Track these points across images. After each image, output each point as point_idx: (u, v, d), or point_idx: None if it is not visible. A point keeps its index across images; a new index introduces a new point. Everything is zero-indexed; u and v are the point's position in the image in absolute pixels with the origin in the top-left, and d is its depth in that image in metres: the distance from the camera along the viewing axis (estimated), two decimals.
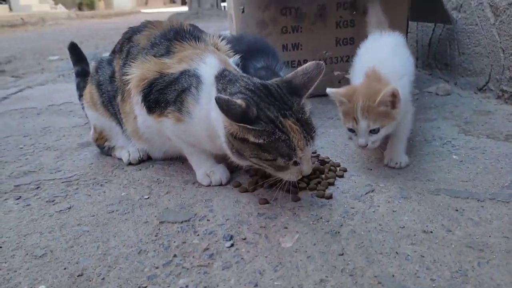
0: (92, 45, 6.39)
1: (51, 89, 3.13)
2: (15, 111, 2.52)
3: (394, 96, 1.34)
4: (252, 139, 1.15)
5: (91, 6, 20.31)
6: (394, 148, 1.51)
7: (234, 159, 1.26)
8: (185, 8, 18.73)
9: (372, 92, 1.36)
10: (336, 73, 2.40)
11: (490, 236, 1.07)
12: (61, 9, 16.44)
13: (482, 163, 1.50)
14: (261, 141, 1.15)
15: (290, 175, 1.22)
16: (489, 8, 2.19)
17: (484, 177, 1.38)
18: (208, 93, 1.30)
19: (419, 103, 2.21)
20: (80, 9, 19.00)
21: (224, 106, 1.11)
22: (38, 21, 12.50)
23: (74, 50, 2.10)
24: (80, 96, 2.06)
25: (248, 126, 1.13)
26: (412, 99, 1.62)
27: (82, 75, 2.07)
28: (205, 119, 1.29)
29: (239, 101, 1.14)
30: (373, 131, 1.38)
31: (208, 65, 1.35)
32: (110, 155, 1.70)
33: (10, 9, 14.62)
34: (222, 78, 1.30)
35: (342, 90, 1.44)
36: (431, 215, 1.17)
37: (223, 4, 11.53)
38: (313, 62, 1.24)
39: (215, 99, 1.11)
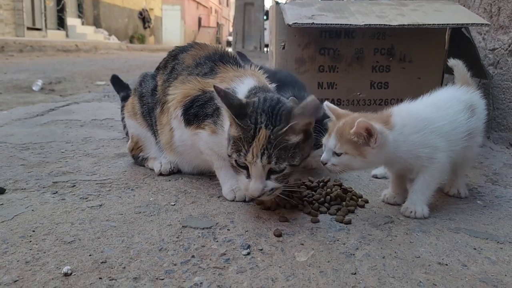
0: (138, 74, 6.70)
1: (95, 106, 3.32)
2: (60, 121, 2.69)
3: (369, 132, 1.29)
4: (233, 131, 1.27)
5: (142, 40, 21.40)
6: (412, 197, 1.42)
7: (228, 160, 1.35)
8: (229, 49, 19.38)
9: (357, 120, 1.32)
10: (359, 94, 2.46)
11: (505, 275, 1.06)
12: (113, 40, 17.39)
13: (505, 210, 1.49)
14: (235, 134, 1.26)
15: (240, 184, 1.31)
16: None
17: (506, 222, 1.38)
18: None
19: None
20: (131, 42, 20.03)
21: (222, 93, 1.25)
22: (91, 48, 13.25)
23: (116, 81, 2.36)
24: (123, 118, 2.21)
25: (235, 119, 1.25)
26: (442, 155, 1.40)
27: (127, 99, 2.21)
28: None
29: (242, 98, 1.32)
30: (336, 154, 1.35)
31: (245, 85, 1.46)
32: (143, 166, 1.80)
33: (67, 36, 15.58)
34: (256, 89, 1.43)
35: (338, 109, 1.45)
36: (448, 250, 1.18)
37: (265, 49, 11.96)
38: (314, 100, 1.28)
39: (213, 86, 1.28)
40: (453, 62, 1.71)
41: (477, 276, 1.05)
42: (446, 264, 1.10)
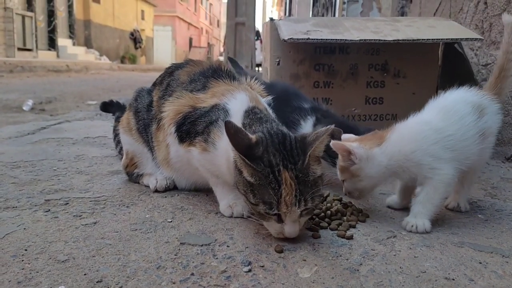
0: (129, 94, 6.67)
1: (88, 125, 3.28)
2: (52, 139, 2.65)
3: (348, 152, 1.37)
4: (245, 174, 1.18)
5: (133, 60, 21.47)
6: (414, 211, 1.40)
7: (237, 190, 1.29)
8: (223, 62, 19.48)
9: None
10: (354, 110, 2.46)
11: None
12: (105, 60, 17.42)
13: (507, 223, 1.47)
14: (252, 180, 1.17)
15: (271, 228, 1.22)
16: None
17: (510, 236, 1.36)
18: None
19: None
20: (122, 62, 20.08)
21: (232, 131, 1.16)
22: (81, 69, 13.24)
23: (107, 106, 2.44)
24: (115, 137, 2.19)
25: (246, 160, 1.16)
26: (446, 167, 1.38)
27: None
28: (226, 151, 1.34)
29: (251, 136, 1.20)
30: (343, 182, 1.47)
31: (238, 100, 1.42)
32: (138, 183, 1.76)
33: (58, 56, 15.58)
34: (252, 114, 1.37)
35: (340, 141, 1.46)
36: (454, 265, 1.15)
37: (256, 68, 12.04)
38: (325, 128, 1.25)
39: (225, 122, 1.17)
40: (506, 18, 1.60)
41: None
42: (453, 279, 1.08)
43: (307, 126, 1.80)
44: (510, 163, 2.32)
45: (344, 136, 1.53)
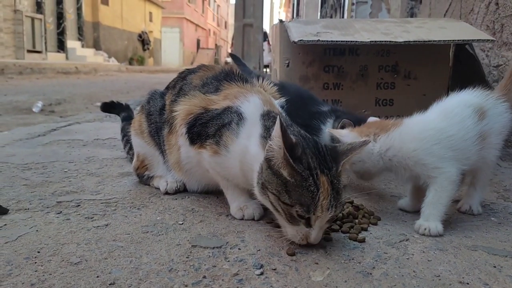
0: (138, 95, 6.74)
1: (97, 126, 3.30)
2: (62, 141, 2.66)
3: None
4: (285, 174, 1.17)
5: (141, 62, 21.58)
6: (424, 213, 1.39)
7: (257, 191, 1.27)
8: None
9: None
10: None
11: None
12: (113, 62, 17.53)
13: None
14: (292, 180, 1.16)
15: (295, 233, 1.20)
16: None
17: None
18: (248, 129, 1.35)
19: None
20: (130, 63, 20.18)
21: (283, 128, 1.14)
22: (90, 70, 13.33)
23: (109, 107, 2.42)
24: (123, 137, 2.19)
25: (290, 160, 1.15)
26: (449, 166, 1.41)
27: (128, 119, 2.19)
28: (241, 154, 1.33)
29: (292, 136, 1.19)
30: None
31: (251, 103, 1.41)
32: (148, 185, 1.76)
33: (67, 58, 15.70)
34: (272, 118, 1.35)
35: (340, 131, 1.59)
36: (468, 268, 1.14)
37: (264, 69, 12.04)
38: (361, 140, 1.30)
39: (277, 118, 1.16)
40: None
41: None
42: (468, 283, 1.06)
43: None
44: None
45: (333, 130, 1.64)
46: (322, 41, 2.04)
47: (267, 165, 1.21)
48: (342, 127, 1.72)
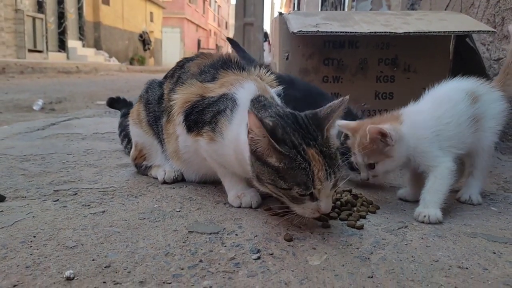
0: (138, 94, 6.72)
1: (97, 121, 3.29)
2: (61, 135, 2.66)
3: (383, 134, 1.37)
4: (273, 161, 1.16)
5: (142, 62, 21.59)
6: (424, 201, 1.39)
7: (255, 183, 1.27)
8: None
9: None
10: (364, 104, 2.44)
11: None
12: (114, 62, 17.53)
13: None
14: (281, 165, 1.15)
15: (305, 210, 1.18)
16: None
17: None
18: (241, 115, 1.34)
19: None
20: (131, 63, 20.19)
21: (258, 117, 1.14)
22: (91, 70, 13.34)
23: (113, 102, 2.44)
24: (121, 132, 2.17)
25: (276, 145, 1.14)
26: (447, 155, 1.44)
27: (127, 115, 2.18)
28: (235, 141, 1.32)
29: (267, 120, 1.18)
30: (370, 166, 1.44)
31: (246, 90, 1.41)
32: (146, 175, 1.75)
33: (68, 57, 15.71)
34: (257, 102, 1.35)
35: (351, 124, 1.51)
36: (467, 254, 1.13)
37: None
38: (339, 99, 1.27)
39: (248, 110, 1.15)
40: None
41: (500, 279, 1.00)
42: (467, 268, 1.05)
43: None
44: None
45: (342, 121, 1.54)
46: (322, 32, 2.03)
47: (254, 158, 1.21)
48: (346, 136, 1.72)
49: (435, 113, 1.48)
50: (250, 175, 1.28)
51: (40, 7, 14.56)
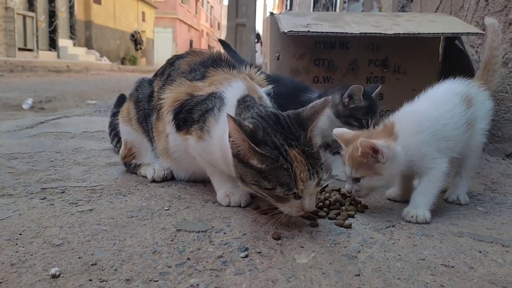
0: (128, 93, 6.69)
1: (86, 120, 3.27)
2: (50, 133, 2.64)
3: (375, 150, 1.31)
4: (255, 163, 1.16)
5: (133, 62, 21.47)
6: (414, 201, 1.40)
7: (239, 184, 1.27)
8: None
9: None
10: None
11: None
12: (105, 61, 17.42)
13: (508, 216, 1.46)
14: (263, 166, 1.16)
15: (291, 208, 1.19)
16: None
17: (510, 227, 1.34)
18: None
19: None
20: (122, 63, 20.08)
21: (237, 122, 1.14)
22: (82, 69, 13.23)
23: (123, 101, 2.29)
24: (111, 131, 2.16)
25: (256, 148, 1.14)
26: (443, 156, 1.42)
27: (117, 115, 2.16)
28: (221, 140, 1.32)
29: (246, 123, 1.18)
30: (356, 180, 1.38)
31: (234, 89, 1.41)
32: (135, 174, 1.75)
33: (58, 56, 15.57)
34: (243, 103, 1.35)
35: (346, 134, 1.45)
36: (453, 253, 1.14)
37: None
38: (322, 98, 1.27)
39: (228, 117, 1.14)
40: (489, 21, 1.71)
41: (485, 278, 1.01)
42: (453, 266, 1.06)
43: None
44: (510, 159, 2.30)
45: (339, 130, 1.50)
46: (312, 32, 2.03)
47: (237, 160, 1.21)
48: (350, 95, 1.75)
49: (432, 114, 1.46)
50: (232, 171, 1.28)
51: (30, 5, 14.41)
